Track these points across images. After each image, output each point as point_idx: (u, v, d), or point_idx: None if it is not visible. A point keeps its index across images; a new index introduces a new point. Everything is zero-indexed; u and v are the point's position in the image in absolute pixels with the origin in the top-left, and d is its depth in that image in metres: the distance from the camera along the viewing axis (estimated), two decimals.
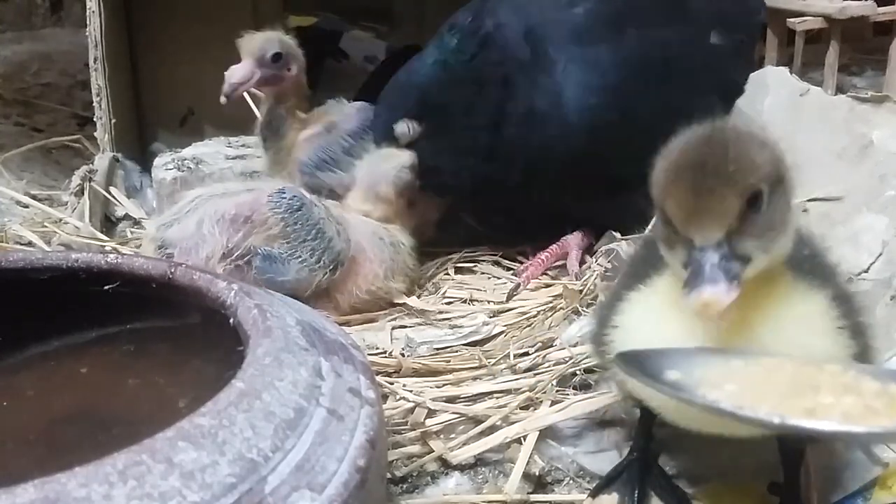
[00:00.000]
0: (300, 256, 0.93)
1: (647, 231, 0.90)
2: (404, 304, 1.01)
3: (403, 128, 1.06)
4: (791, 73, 1.17)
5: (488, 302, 1.03)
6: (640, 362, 0.53)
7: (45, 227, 1.14)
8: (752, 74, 1.19)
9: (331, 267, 0.95)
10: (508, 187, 1.08)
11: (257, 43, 1.10)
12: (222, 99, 1.09)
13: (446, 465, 0.73)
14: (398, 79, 1.10)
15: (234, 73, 1.08)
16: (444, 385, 0.83)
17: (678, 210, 0.54)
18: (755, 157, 0.53)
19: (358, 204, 1.04)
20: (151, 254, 0.93)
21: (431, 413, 0.77)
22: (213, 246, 0.92)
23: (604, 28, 1.07)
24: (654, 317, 0.60)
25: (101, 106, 1.28)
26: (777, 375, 0.49)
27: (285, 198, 0.95)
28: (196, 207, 0.94)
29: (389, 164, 1.04)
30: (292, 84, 1.14)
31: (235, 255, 0.92)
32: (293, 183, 1.09)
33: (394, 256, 1.01)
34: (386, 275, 1.00)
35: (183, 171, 1.23)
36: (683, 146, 0.56)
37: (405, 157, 1.04)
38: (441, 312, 0.99)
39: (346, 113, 1.18)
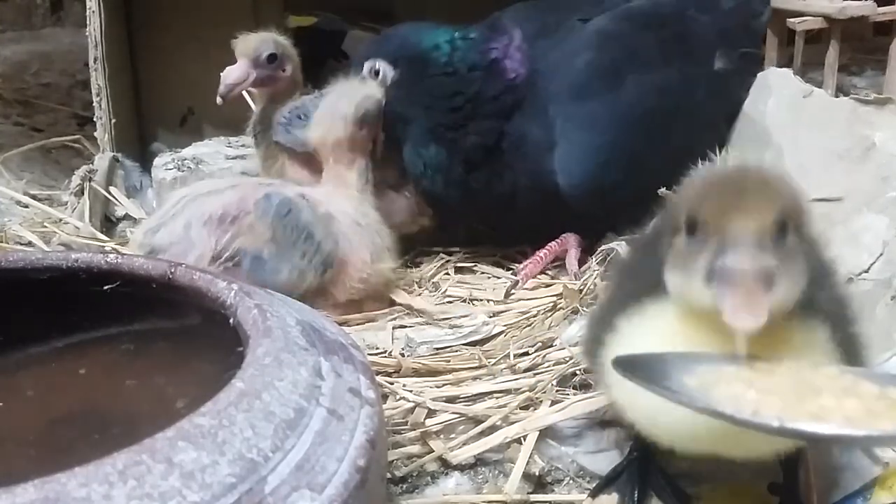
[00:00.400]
0: (290, 260, 0.93)
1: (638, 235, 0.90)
2: (405, 303, 1.01)
3: (371, 66, 1.06)
4: (793, 73, 1.16)
5: (488, 301, 1.03)
6: (637, 367, 0.52)
7: (45, 227, 1.14)
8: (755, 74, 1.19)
9: (321, 269, 0.95)
10: (495, 201, 1.08)
11: (252, 44, 1.09)
12: (218, 100, 1.09)
13: (446, 465, 0.73)
14: (396, 27, 1.12)
15: (230, 74, 1.08)
16: (444, 385, 0.83)
17: (717, 212, 0.51)
18: (786, 191, 0.53)
19: (315, 127, 1.03)
20: None
21: (431, 413, 0.77)
22: (201, 249, 0.91)
23: (603, 80, 1.06)
24: (652, 337, 0.58)
25: (101, 106, 1.28)
26: (776, 379, 0.49)
27: (273, 204, 0.94)
28: (181, 210, 0.94)
29: (354, 91, 1.03)
30: (287, 84, 1.14)
31: (224, 256, 0.92)
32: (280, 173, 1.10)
33: (374, 239, 1.01)
34: (373, 258, 0.99)
35: (183, 171, 1.24)
36: (718, 171, 0.57)
37: (374, 89, 1.04)
38: (441, 312, 0.99)
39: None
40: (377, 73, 1.07)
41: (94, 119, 1.31)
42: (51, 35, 2.25)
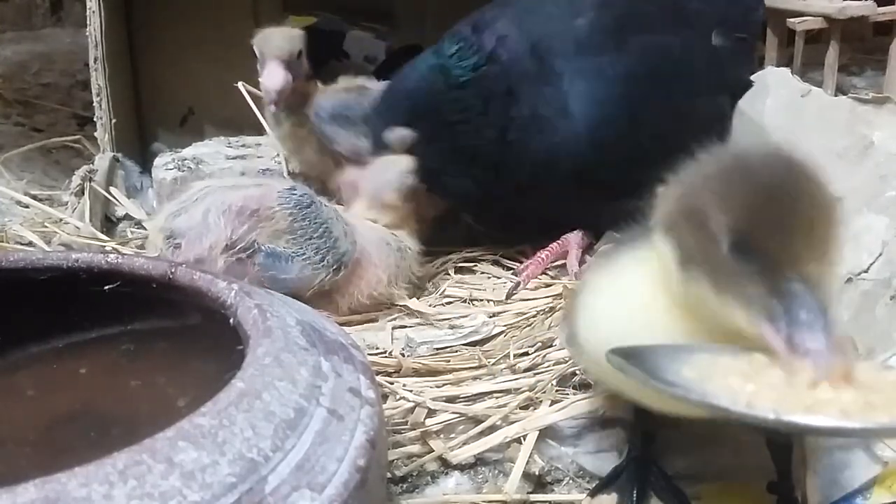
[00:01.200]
0: (304, 254, 0.93)
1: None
2: (404, 304, 1.01)
3: (395, 136, 1.06)
4: (791, 73, 1.17)
5: (488, 302, 1.03)
6: (631, 359, 0.52)
7: (46, 227, 1.14)
8: (751, 59, 1.20)
9: (334, 267, 0.95)
10: (511, 193, 1.08)
11: (283, 44, 1.08)
12: (271, 108, 1.08)
13: (446, 465, 0.73)
14: (391, 86, 1.10)
15: (273, 81, 1.06)
16: (444, 385, 0.83)
17: (774, 239, 0.47)
18: (831, 199, 0.50)
19: (364, 213, 1.04)
20: (160, 244, 0.92)
21: (431, 413, 0.77)
22: (216, 236, 0.91)
23: (606, 38, 1.07)
24: (620, 313, 0.59)
25: (101, 106, 1.28)
26: (772, 371, 0.48)
27: (295, 194, 0.95)
28: (203, 197, 0.94)
29: (391, 172, 1.04)
30: (304, 76, 1.14)
31: (238, 247, 0.91)
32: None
33: (399, 263, 1.01)
34: (390, 281, 1.00)
35: (183, 171, 1.24)
36: (762, 167, 0.51)
37: (405, 162, 1.04)
38: (441, 312, 0.99)
39: (376, 84, 1.19)
40: (401, 138, 1.07)
41: (95, 119, 1.31)
42: (51, 35, 2.25)
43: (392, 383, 0.81)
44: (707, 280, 0.50)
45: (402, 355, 0.88)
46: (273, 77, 1.07)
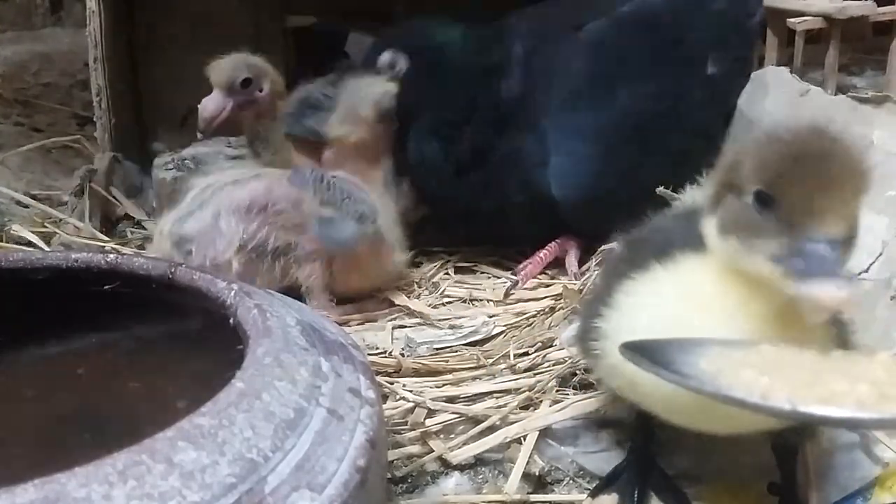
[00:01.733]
0: (348, 211, 0.95)
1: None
2: (404, 304, 1.01)
3: (387, 57, 1.06)
4: (791, 72, 1.17)
5: (488, 302, 1.03)
6: (644, 352, 0.52)
7: (45, 227, 1.14)
8: (752, 74, 1.19)
9: (372, 219, 0.97)
10: (485, 211, 1.08)
11: (224, 71, 1.06)
12: (199, 136, 1.09)
13: (446, 465, 0.73)
14: (412, 21, 1.13)
15: (206, 108, 1.05)
16: (443, 385, 0.83)
17: (801, 193, 0.49)
18: (865, 166, 0.52)
19: (336, 128, 1.04)
20: (167, 250, 0.92)
21: (431, 413, 0.77)
22: (230, 237, 0.91)
23: (594, 90, 1.06)
24: (647, 314, 0.58)
25: (101, 106, 1.28)
26: (785, 364, 0.48)
27: (305, 173, 0.96)
28: (209, 198, 0.94)
29: (371, 88, 1.04)
30: (268, 103, 1.10)
31: (250, 246, 0.92)
32: None
33: (394, 230, 1.02)
34: (395, 247, 1.01)
35: (183, 170, 1.23)
36: (803, 133, 0.52)
37: (389, 84, 1.04)
38: (441, 312, 0.99)
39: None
40: (392, 64, 1.07)
41: (95, 119, 1.31)
42: (51, 35, 2.24)
43: (392, 383, 0.81)
44: (735, 236, 0.53)
45: (402, 355, 0.88)
46: (206, 104, 1.06)
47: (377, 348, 0.90)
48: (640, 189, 1.03)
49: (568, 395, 0.80)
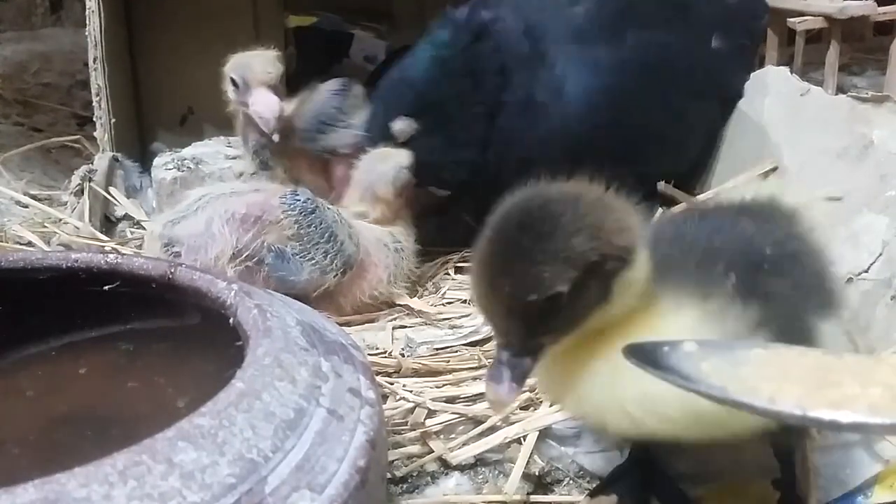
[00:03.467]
0: (313, 258, 0.93)
1: None
2: (404, 304, 1.01)
3: (401, 126, 1.06)
4: (791, 72, 1.17)
5: None
6: (646, 355, 0.50)
7: (45, 227, 1.14)
8: (753, 74, 1.20)
9: (341, 270, 0.95)
10: (503, 179, 1.08)
11: (268, 68, 1.06)
12: (275, 137, 1.07)
13: (446, 465, 0.73)
14: (392, 77, 1.10)
15: (269, 109, 1.04)
16: (444, 385, 0.83)
17: (475, 294, 0.53)
18: (548, 264, 0.50)
19: (355, 204, 1.04)
20: (157, 252, 0.92)
21: (431, 413, 0.77)
22: (222, 246, 0.91)
23: (603, 29, 1.08)
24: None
25: (100, 106, 1.28)
26: (795, 366, 0.47)
27: (299, 200, 0.94)
28: (204, 206, 0.94)
29: (387, 165, 1.03)
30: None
31: (245, 255, 0.91)
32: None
33: (397, 262, 1.01)
34: (389, 280, 1.00)
35: (183, 170, 1.23)
36: (490, 232, 0.53)
37: (402, 156, 1.04)
38: (441, 312, 0.99)
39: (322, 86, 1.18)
40: (402, 129, 1.06)
41: (94, 119, 1.31)
42: (51, 35, 2.24)
43: (392, 383, 0.81)
44: None
45: (402, 355, 0.88)
46: (270, 104, 1.05)
47: (377, 348, 0.90)
48: (642, 132, 1.07)
49: None
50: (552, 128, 1.05)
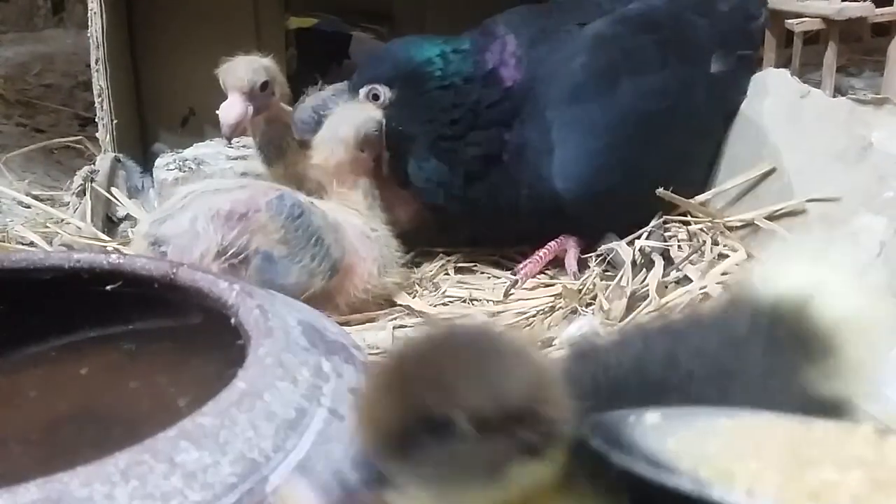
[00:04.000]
0: (301, 261, 0.94)
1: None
2: (405, 304, 1.01)
3: (367, 91, 1.06)
4: (790, 74, 1.17)
5: (488, 301, 1.03)
6: (605, 430, 0.43)
7: (47, 227, 1.14)
8: (752, 76, 1.20)
9: (328, 273, 0.95)
10: (496, 211, 1.08)
11: (243, 76, 1.05)
12: (224, 142, 1.07)
13: None
14: (388, 45, 1.11)
15: (229, 114, 1.04)
16: None
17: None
18: (467, 385, 0.41)
19: (317, 154, 1.04)
20: (143, 251, 0.91)
21: None
22: (207, 243, 0.90)
23: (598, 83, 1.06)
24: None
25: (102, 106, 1.28)
26: (766, 441, 0.43)
27: (286, 205, 0.94)
28: (189, 203, 0.93)
29: (355, 113, 1.03)
30: (277, 106, 1.11)
31: (230, 253, 0.91)
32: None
33: (383, 252, 1.01)
34: (380, 271, 1.00)
35: (184, 171, 1.24)
36: (414, 343, 0.44)
37: (376, 112, 1.04)
38: (441, 312, 1.00)
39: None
40: (375, 96, 1.07)
41: (96, 120, 1.31)
42: (53, 36, 2.25)
43: None
44: None
45: None
46: (228, 110, 1.04)
47: (377, 348, 0.90)
48: (642, 185, 1.05)
49: None
50: (549, 188, 1.04)
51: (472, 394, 0.40)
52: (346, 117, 1.03)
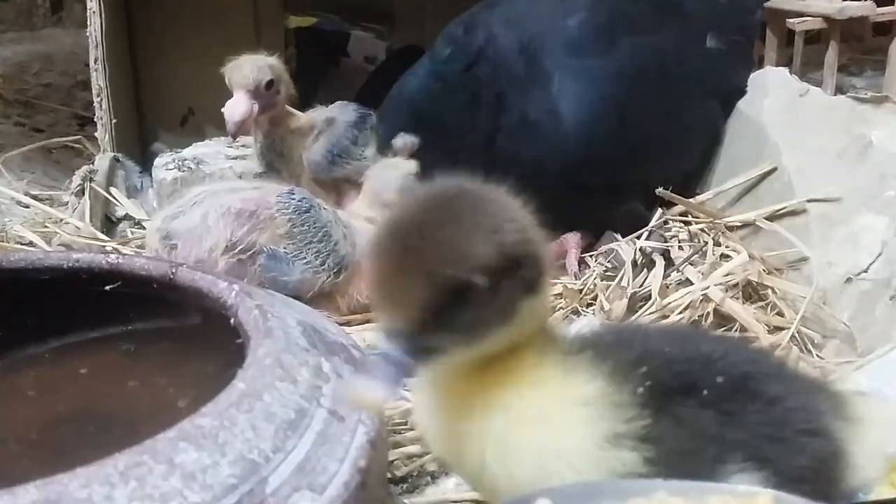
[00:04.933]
0: (305, 258, 0.94)
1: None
2: None
3: (400, 142, 1.07)
4: (791, 73, 1.17)
5: None
6: (568, 500, 0.44)
7: (46, 227, 1.14)
8: (751, 75, 1.20)
9: (335, 270, 0.95)
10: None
11: (249, 73, 1.05)
12: (229, 139, 1.07)
13: (446, 465, 0.73)
14: (393, 94, 1.12)
15: (234, 112, 1.04)
16: None
17: (371, 282, 0.47)
18: (474, 242, 0.45)
19: (364, 211, 1.04)
20: (156, 244, 0.93)
21: None
22: (216, 238, 0.92)
23: (597, 39, 1.08)
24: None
25: (101, 106, 1.28)
26: None
27: (294, 199, 0.95)
28: (202, 201, 0.95)
29: (394, 172, 1.05)
30: (282, 105, 1.11)
31: (238, 248, 0.92)
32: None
33: None
34: None
35: (183, 171, 1.23)
36: (406, 209, 0.48)
37: (409, 165, 1.05)
38: None
39: (339, 108, 1.17)
40: (404, 144, 1.08)
41: (95, 119, 1.31)
42: (51, 36, 2.24)
43: None
44: None
45: None
46: (234, 107, 1.04)
47: (378, 348, 0.90)
48: (639, 138, 1.06)
49: None
50: (551, 146, 1.05)
51: (483, 251, 0.45)
52: (385, 181, 1.04)
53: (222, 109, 1.06)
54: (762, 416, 0.50)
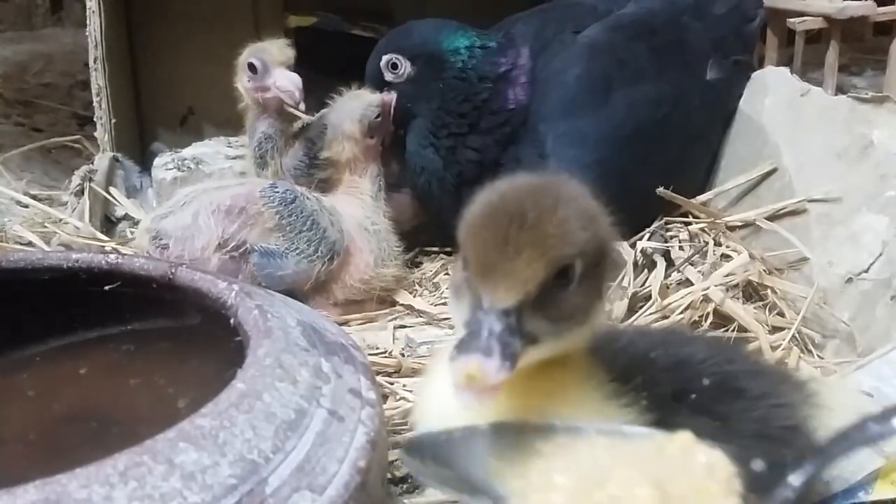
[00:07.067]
0: (297, 248, 0.95)
1: None
2: (406, 303, 1.01)
3: (390, 58, 1.07)
4: (791, 73, 1.16)
5: None
6: (427, 448, 0.45)
7: (46, 227, 1.14)
8: (752, 74, 1.20)
9: (328, 257, 0.96)
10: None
11: (285, 50, 1.06)
12: (301, 106, 1.06)
13: None
14: (420, 23, 1.11)
15: (291, 82, 1.04)
16: None
17: (476, 258, 0.46)
18: (579, 227, 0.46)
19: (328, 150, 1.04)
20: (146, 245, 0.94)
21: None
22: (208, 237, 0.93)
23: (592, 95, 1.06)
24: (437, 389, 0.51)
25: (101, 106, 1.28)
26: (570, 460, 0.44)
27: (278, 191, 0.96)
28: (191, 200, 0.96)
29: (356, 103, 1.04)
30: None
31: (231, 245, 0.93)
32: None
33: (380, 244, 1.02)
34: (376, 262, 1.01)
35: (183, 170, 1.24)
36: (508, 188, 0.48)
37: (373, 96, 1.05)
38: (442, 312, 0.99)
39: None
40: (395, 66, 1.07)
41: (95, 119, 1.31)
42: (51, 35, 2.24)
43: (392, 383, 0.81)
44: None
45: (403, 355, 0.88)
46: (292, 78, 1.05)
47: (377, 348, 0.90)
48: (637, 197, 1.04)
49: None
50: None
51: (585, 236, 0.46)
52: (347, 111, 1.04)
53: (277, 84, 1.04)
54: (749, 414, 0.51)
